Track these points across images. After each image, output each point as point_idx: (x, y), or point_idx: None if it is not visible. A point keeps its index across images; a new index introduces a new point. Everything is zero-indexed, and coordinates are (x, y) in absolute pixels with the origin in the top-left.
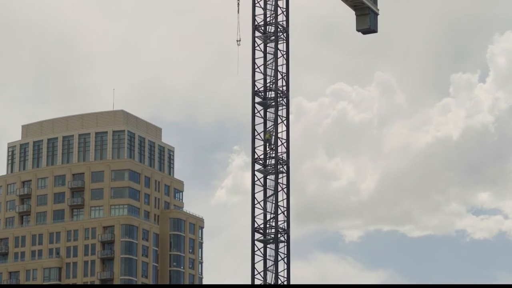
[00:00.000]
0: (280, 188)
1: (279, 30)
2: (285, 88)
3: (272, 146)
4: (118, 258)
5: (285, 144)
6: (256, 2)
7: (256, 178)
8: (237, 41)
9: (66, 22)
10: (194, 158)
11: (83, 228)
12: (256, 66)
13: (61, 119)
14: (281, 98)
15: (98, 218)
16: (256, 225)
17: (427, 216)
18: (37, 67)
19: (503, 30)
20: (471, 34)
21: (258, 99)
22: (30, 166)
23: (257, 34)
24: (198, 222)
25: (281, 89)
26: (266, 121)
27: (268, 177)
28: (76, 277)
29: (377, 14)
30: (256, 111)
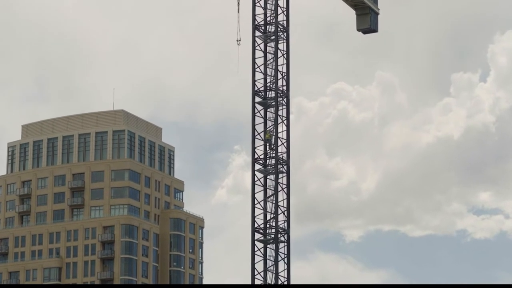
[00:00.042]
0: (280, 188)
1: (280, 29)
2: (285, 87)
3: (272, 146)
4: (118, 258)
5: (285, 144)
6: (256, 1)
7: (256, 178)
8: (237, 40)
9: (66, 22)
10: (194, 158)
11: (83, 228)
12: (256, 66)
13: (61, 119)
14: (281, 98)
15: (98, 218)
16: (256, 225)
17: (428, 216)
18: (37, 67)
19: (504, 29)
20: (472, 33)
21: (258, 99)
22: (30, 166)
23: (257, 33)
24: (198, 222)
25: (281, 88)
26: (266, 121)
27: (268, 177)
28: (76, 277)
29: (377, 14)
30: (256, 111)
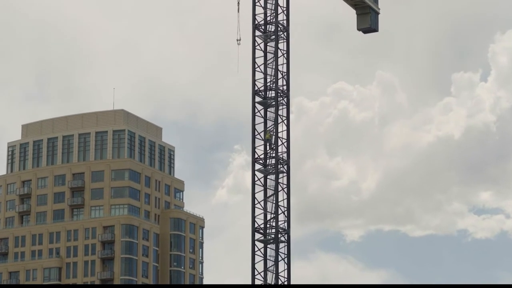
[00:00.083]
0: (280, 188)
1: (280, 29)
2: (285, 87)
3: (272, 146)
4: (118, 258)
5: (285, 143)
6: (256, 1)
7: (256, 178)
8: (237, 40)
9: (67, 22)
10: (195, 157)
11: (83, 228)
12: (256, 66)
13: (61, 119)
14: (281, 98)
15: (98, 218)
16: (256, 225)
17: (429, 215)
18: (37, 67)
19: (505, 29)
20: (473, 33)
21: (258, 99)
22: (30, 166)
23: (257, 33)
24: (199, 222)
25: (281, 88)
26: (266, 120)
27: (268, 177)
28: (76, 277)
29: (378, 13)
30: (256, 111)
